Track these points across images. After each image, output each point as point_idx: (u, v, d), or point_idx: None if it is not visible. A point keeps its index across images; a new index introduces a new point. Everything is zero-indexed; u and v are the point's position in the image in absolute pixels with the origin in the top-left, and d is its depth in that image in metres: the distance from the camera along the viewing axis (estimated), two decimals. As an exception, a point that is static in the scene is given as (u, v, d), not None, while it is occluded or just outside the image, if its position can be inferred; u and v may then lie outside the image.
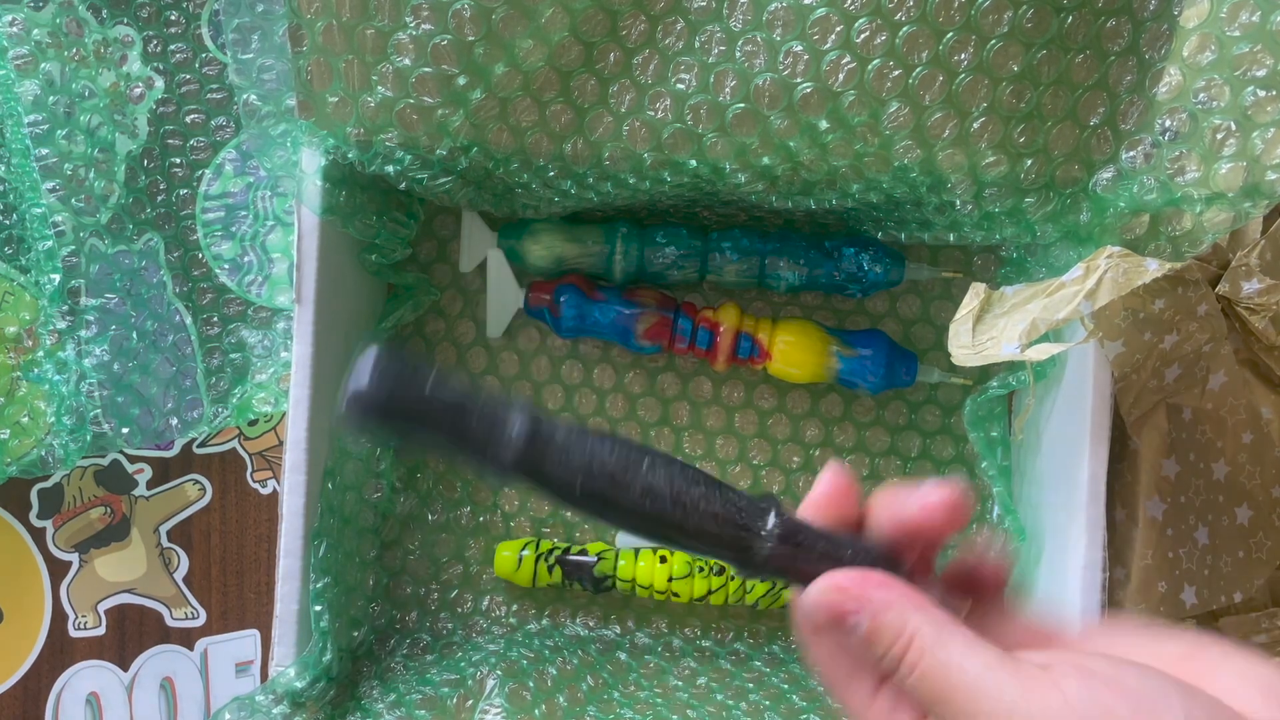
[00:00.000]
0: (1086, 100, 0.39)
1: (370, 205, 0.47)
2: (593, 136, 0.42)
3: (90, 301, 0.51)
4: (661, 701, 0.46)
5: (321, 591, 0.44)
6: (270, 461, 0.54)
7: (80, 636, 0.54)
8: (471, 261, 0.52)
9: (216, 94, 0.54)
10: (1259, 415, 0.48)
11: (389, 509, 0.52)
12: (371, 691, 0.45)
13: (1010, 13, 0.38)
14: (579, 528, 0.53)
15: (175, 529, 0.54)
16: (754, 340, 0.50)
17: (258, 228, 0.55)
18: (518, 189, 0.46)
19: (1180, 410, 0.47)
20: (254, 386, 0.54)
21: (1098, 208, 0.41)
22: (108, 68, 0.53)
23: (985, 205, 0.42)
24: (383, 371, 0.25)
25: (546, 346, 0.53)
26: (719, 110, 0.40)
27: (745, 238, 0.50)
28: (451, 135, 0.42)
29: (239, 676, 0.54)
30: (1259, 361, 0.49)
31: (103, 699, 0.53)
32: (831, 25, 0.38)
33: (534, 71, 0.40)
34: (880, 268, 0.50)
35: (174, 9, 0.53)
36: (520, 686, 0.44)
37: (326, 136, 0.42)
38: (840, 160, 0.41)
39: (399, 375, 0.25)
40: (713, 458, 0.53)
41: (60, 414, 0.51)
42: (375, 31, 0.39)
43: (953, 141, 0.40)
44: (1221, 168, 0.37)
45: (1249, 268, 0.47)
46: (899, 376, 0.50)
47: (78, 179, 0.51)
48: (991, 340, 0.39)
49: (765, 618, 0.53)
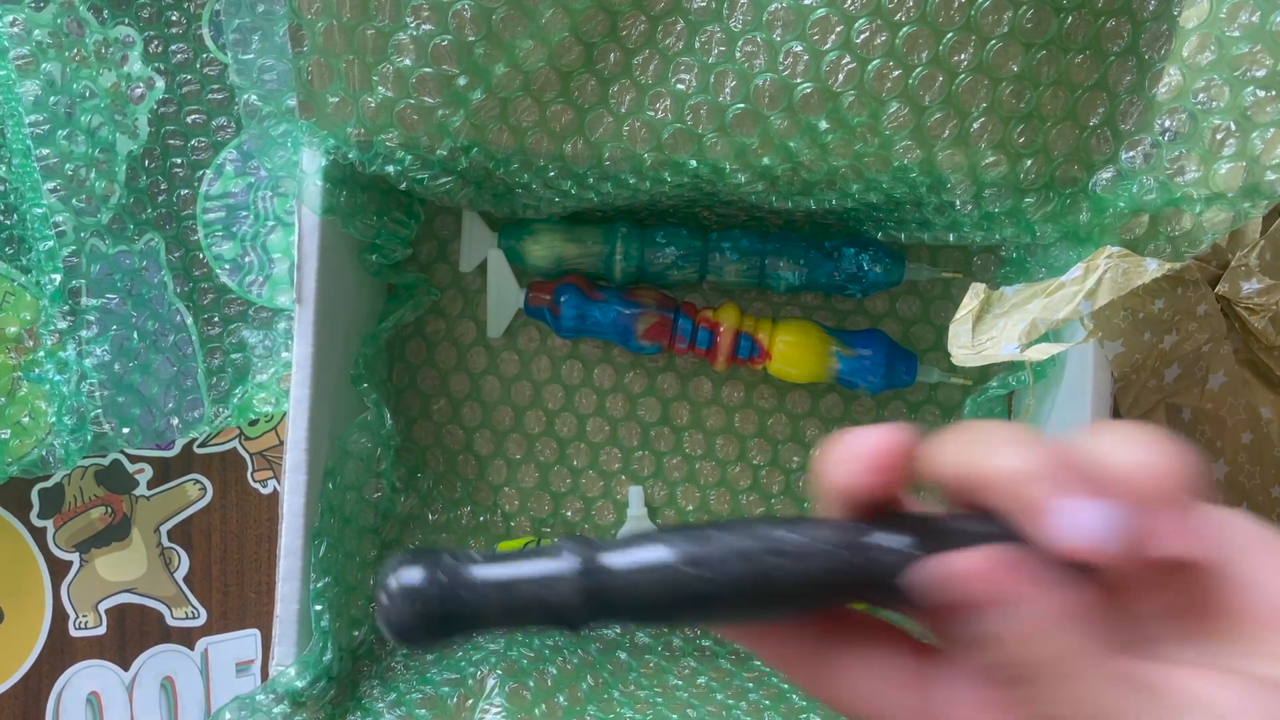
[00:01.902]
0: (1086, 100, 0.39)
1: (370, 205, 0.47)
2: (593, 137, 0.42)
3: (91, 301, 0.51)
4: (661, 701, 0.46)
5: (322, 591, 0.44)
6: (271, 461, 0.55)
7: (81, 636, 0.54)
8: (471, 261, 0.52)
9: (217, 94, 0.54)
10: (1258, 415, 0.48)
11: (389, 509, 0.52)
12: (372, 691, 0.45)
13: (1010, 13, 0.38)
14: (579, 527, 0.53)
15: (176, 529, 0.54)
16: (754, 340, 0.50)
17: (258, 228, 0.55)
18: (518, 189, 0.46)
19: (1180, 410, 0.47)
20: (255, 386, 0.54)
21: (1097, 208, 0.41)
22: (108, 68, 0.53)
23: (985, 205, 0.42)
24: (407, 596, 0.22)
25: (546, 346, 0.53)
26: (719, 110, 0.40)
27: (745, 238, 0.50)
28: (452, 135, 0.42)
29: (239, 676, 0.54)
30: (1258, 361, 0.49)
31: (103, 698, 0.53)
32: (831, 25, 0.38)
33: (534, 72, 0.40)
34: (880, 268, 0.50)
35: (175, 9, 0.53)
36: (520, 686, 0.44)
37: (327, 137, 0.42)
38: (840, 160, 0.41)
39: (425, 594, 0.22)
40: (713, 458, 0.54)
41: (61, 414, 0.51)
42: (376, 32, 0.40)
43: (952, 142, 0.40)
44: (1221, 168, 0.37)
45: (1248, 268, 0.47)
46: (899, 376, 0.50)
47: (78, 179, 0.51)
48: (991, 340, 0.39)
49: (765, 617, 0.53)
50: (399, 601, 0.22)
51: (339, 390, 0.47)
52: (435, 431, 0.53)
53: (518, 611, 0.22)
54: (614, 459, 0.53)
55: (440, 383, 0.53)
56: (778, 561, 0.21)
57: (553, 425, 0.53)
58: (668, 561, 0.22)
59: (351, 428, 0.48)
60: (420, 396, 0.53)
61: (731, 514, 0.53)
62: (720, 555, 0.22)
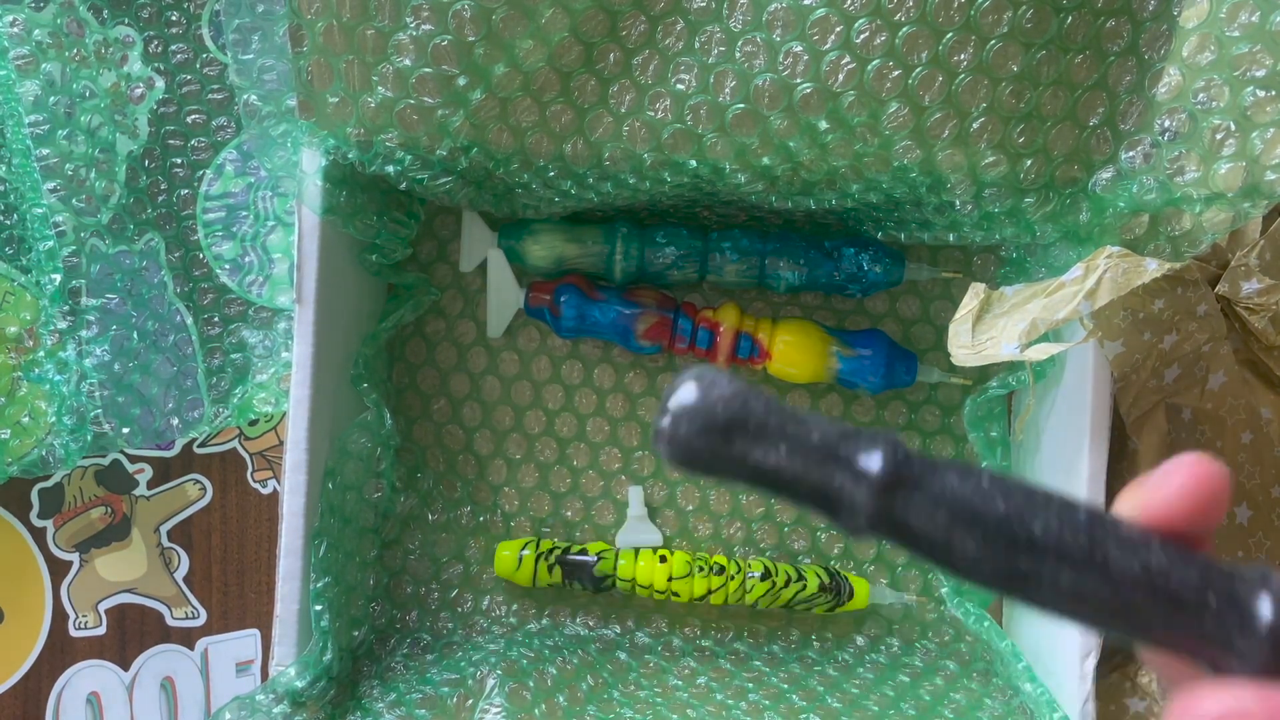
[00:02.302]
0: (1086, 100, 0.39)
1: (370, 205, 0.47)
2: (593, 137, 0.42)
3: (91, 301, 0.51)
4: (661, 701, 0.46)
5: (322, 591, 0.44)
6: (270, 461, 0.55)
7: (81, 636, 0.54)
8: (471, 261, 0.52)
9: (217, 94, 0.54)
10: (1258, 415, 0.48)
11: (389, 509, 0.52)
12: (372, 691, 0.45)
13: (1010, 13, 0.38)
14: (579, 527, 0.53)
15: (176, 529, 0.54)
16: (754, 340, 0.50)
17: (258, 228, 0.55)
18: (518, 189, 0.46)
19: (1180, 410, 0.47)
20: (255, 386, 0.54)
21: (1097, 208, 0.41)
22: (108, 68, 0.53)
23: (985, 205, 0.42)
24: (709, 394, 0.20)
25: (546, 346, 0.53)
26: (719, 110, 0.40)
27: (745, 238, 0.50)
28: (452, 135, 0.42)
29: (239, 676, 0.54)
30: (1258, 361, 0.49)
31: (103, 698, 0.53)
32: (831, 25, 0.38)
33: (534, 72, 0.40)
34: (880, 268, 0.50)
35: (175, 9, 0.53)
36: (520, 686, 0.44)
37: (327, 137, 0.42)
38: (840, 160, 0.41)
39: (725, 401, 0.20)
40: (713, 458, 0.53)
41: (61, 414, 0.51)
42: (375, 32, 0.40)
43: (952, 142, 0.40)
44: (1221, 168, 0.37)
45: (1248, 268, 0.47)
46: (899, 376, 0.50)
47: (78, 179, 0.51)
48: (991, 340, 0.39)
49: (765, 618, 0.53)
50: (676, 415, 0.20)
51: (339, 390, 0.47)
52: (435, 431, 0.53)
53: (793, 484, 0.20)
54: (614, 459, 0.53)
55: (440, 383, 0.53)
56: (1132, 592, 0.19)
57: (553, 425, 0.53)
58: (999, 511, 0.19)
59: (351, 428, 0.48)
60: (420, 396, 0.53)
61: (731, 514, 0.53)
62: (1059, 527, 0.19)
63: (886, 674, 0.49)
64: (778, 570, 0.50)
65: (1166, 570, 0.19)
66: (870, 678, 0.49)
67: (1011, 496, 0.19)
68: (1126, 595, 0.19)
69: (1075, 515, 0.19)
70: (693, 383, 0.20)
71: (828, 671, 0.50)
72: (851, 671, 0.50)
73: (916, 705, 0.47)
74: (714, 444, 0.20)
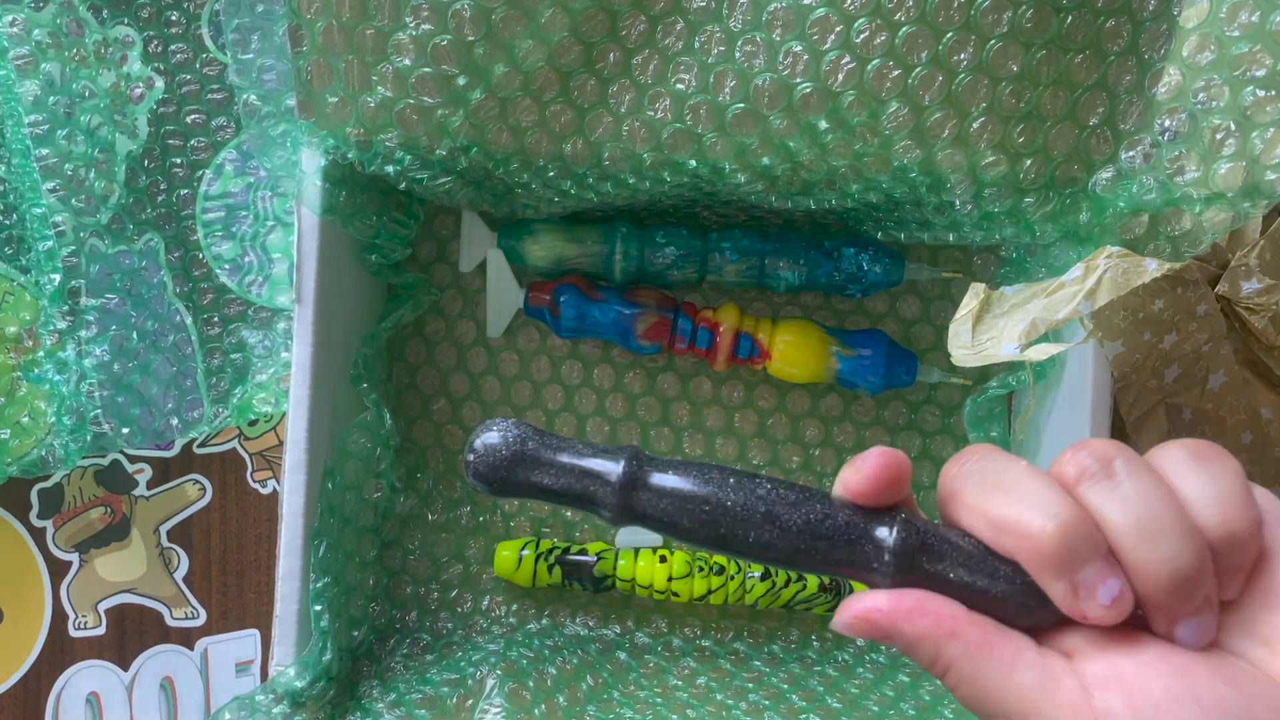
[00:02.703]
0: (1086, 100, 0.39)
1: (370, 205, 0.47)
2: (592, 136, 0.42)
3: (90, 301, 0.51)
4: (661, 701, 0.46)
5: (321, 591, 0.44)
6: (270, 461, 0.55)
7: (80, 636, 0.54)
8: (471, 261, 0.52)
9: (217, 94, 0.54)
10: (1259, 415, 0.48)
11: (389, 509, 0.52)
12: (371, 691, 0.45)
13: (1010, 13, 0.38)
14: (579, 527, 0.53)
15: (175, 529, 0.54)
16: (754, 340, 0.50)
17: (258, 228, 0.55)
18: (518, 189, 0.46)
19: (1180, 410, 0.47)
20: (254, 386, 0.54)
21: (1097, 208, 0.41)
22: (108, 68, 0.53)
23: (985, 205, 0.42)
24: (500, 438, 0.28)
25: (546, 346, 0.53)
26: (719, 110, 0.40)
27: (745, 238, 0.50)
28: (451, 135, 0.42)
29: (239, 676, 0.54)
30: (1259, 361, 0.49)
31: (103, 699, 0.53)
32: (831, 25, 0.38)
33: (534, 71, 0.40)
34: (880, 268, 0.50)
35: (174, 9, 0.53)
36: (520, 686, 0.44)
37: (326, 136, 0.42)
38: (840, 160, 0.41)
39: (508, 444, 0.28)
40: (713, 458, 0.53)
41: (60, 414, 0.51)
42: (375, 31, 0.39)
43: (952, 141, 0.40)
44: (1221, 168, 0.37)
45: (1248, 268, 0.47)
46: (899, 376, 0.50)
47: (78, 179, 0.51)
48: (991, 340, 0.39)
49: (765, 618, 0.53)
50: (478, 454, 0.28)
51: (339, 390, 0.47)
52: (435, 431, 0.53)
53: (563, 494, 0.28)
54: (614, 459, 0.53)
55: (440, 383, 0.53)
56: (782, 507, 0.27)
57: (553, 425, 0.53)
58: (701, 494, 0.27)
59: (351, 428, 0.48)
60: (420, 396, 0.53)
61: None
62: (744, 501, 0.27)
63: (886, 674, 0.49)
64: (777, 570, 0.50)
65: (822, 519, 0.27)
66: (870, 678, 0.49)
67: (712, 483, 0.27)
68: (794, 541, 0.27)
69: (756, 490, 0.27)
70: (490, 430, 0.28)
71: (827, 671, 0.50)
72: (851, 671, 0.50)
73: (916, 705, 0.47)
74: (505, 473, 0.28)
